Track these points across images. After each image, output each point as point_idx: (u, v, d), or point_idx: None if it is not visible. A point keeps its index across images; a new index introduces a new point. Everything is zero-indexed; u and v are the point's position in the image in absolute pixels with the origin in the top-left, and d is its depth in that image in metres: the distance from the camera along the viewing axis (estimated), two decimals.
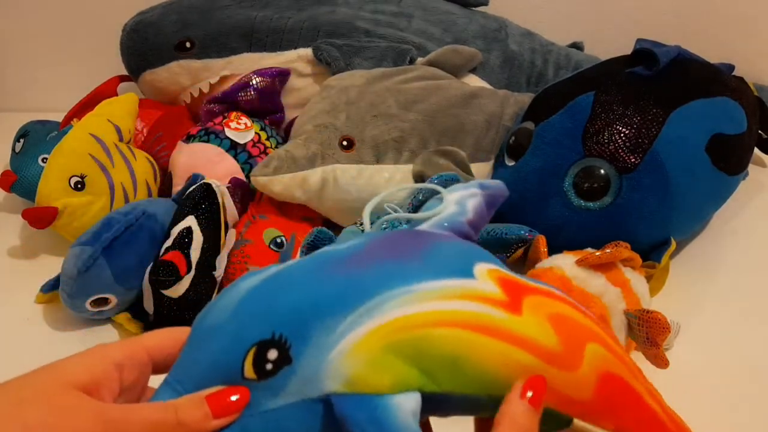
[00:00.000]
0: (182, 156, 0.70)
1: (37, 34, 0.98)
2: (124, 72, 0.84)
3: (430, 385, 0.24)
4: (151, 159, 0.73)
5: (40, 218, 0.64)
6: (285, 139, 0.78)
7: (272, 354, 0.24)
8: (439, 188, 0.31)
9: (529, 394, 0.24)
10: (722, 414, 0.48)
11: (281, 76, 0.77)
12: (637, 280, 0.52)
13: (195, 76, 0.79)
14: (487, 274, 0.26)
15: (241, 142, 0.71)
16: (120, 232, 0.58)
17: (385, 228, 0.30)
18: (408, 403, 0.23)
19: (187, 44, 0.78)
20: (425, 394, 0.24)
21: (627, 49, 0.64)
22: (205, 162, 0.68)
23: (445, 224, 0.30)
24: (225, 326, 0.25)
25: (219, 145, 0.70)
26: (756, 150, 0.73)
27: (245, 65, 0.78)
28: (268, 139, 0.74)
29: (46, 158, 0.69)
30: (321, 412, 0.23)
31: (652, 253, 0.59)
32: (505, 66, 0.80)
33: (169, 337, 0.26)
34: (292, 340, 0.24)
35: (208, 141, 0.70)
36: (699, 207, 0.62)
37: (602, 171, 0.58)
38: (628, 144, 0.57)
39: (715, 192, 0.62)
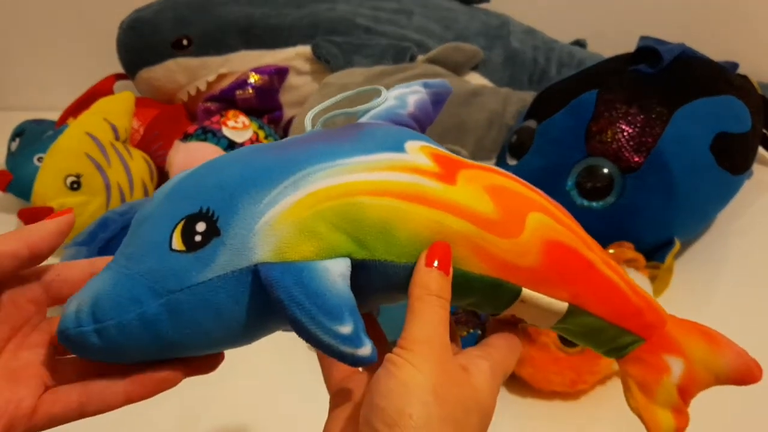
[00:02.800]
0: (179, 155, 0.69)
1: (33, 32, 0.97)
2: (121, 70, 0.84)
3: (361, 252, 0.24)
4: (148, 158, 0.72)
5: (36, 218, 0.63)
6: (283, 138, 0.77)
7: (200, 226, 0.24)
8: (380, 87, 0.31)
9: (436, 263, 0.25)
10: (726, 415, 0.48)
11: (279, 73, 0.77)
12: (640, 281, 0.51)
13: (192, 74, 0.79)
14: (419, 149, 0.27)
15: (239, 140, 0.70)
16: (116, 232, 0.57)
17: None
18: (336, 267, 0.24)
19: (184, 42, 0.78)
20: (357, 261, 0.24)
21: (630, 46, 0.63)
22: (202, 161, 0.67)
23: (384, 115, 0.30)
24: (156, 210, 0.25)
25: (216, 144, 0.69)
26: (760, 149, 0.72)
27: (243, 63, 0.77)
28: (266, 137, 0.74)
29: (42, 157, 0.68)
30: (250, 283, 0.24)
31: (655, 253, 0.58)
32: (507, 64, 0.79)
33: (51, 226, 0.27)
34: (219, 213, 0.24)
35: (205, 140, 0.69)
36: (703, 207, 0.61)
37: (605, 170, 0.57)
38: (631, 143, 0.56)
39: (719, 191, 0.62)
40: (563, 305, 0.27)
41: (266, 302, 0.24)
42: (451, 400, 0.23)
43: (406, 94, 0.31)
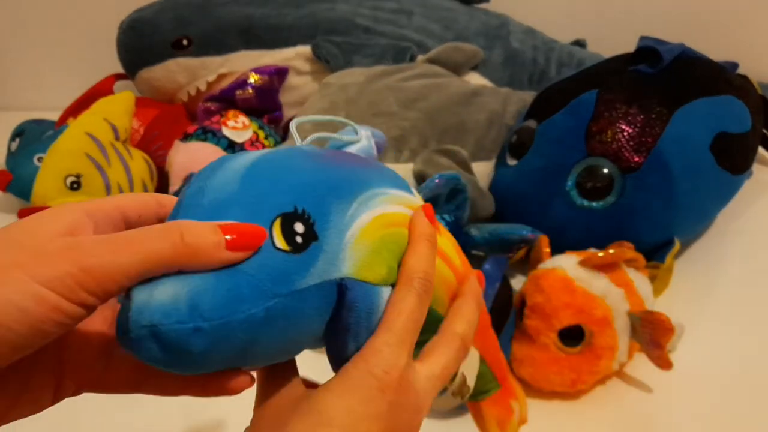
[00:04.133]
0: (179, 155, 0.69)
1: (33, 32, 0.97)
2: (121, 70, 0.84)
3: (393, 278, 0.25)
4: (148, 158, 0.72)
5: None
6: (283, 138, 0.77)
7: (299, 227, 0.22)
8: (347, 121, 0.31)
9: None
10: (725, 415, 0.48)
11: (279, 74, 0.77)
12: (640, 280, 0.51)
13: (192, 74, 0.79)
14: (417, 192, 0.30)
15: (239, 140, 0.70)
16: None
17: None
18: (388, 295, 0.25)
19: (184, 42, 0.78)
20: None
21: (630, 46, 0.63)
22: (203, 161, 0.67)
23: (363, 155, 0.31)
24: (237, 198, 0.22)
25: (216, 144, 0.69)
26: (760, 149, 0.72)
27: (243, 63, 0.77)
28: (266, 137, 0.74)
29: (42, 157, 0.68)
30: (333, 296, 0.23)
31: (655, 253, 0.58)
32: (507, 64, 0.79)
33: (142, 199, 0.25)
34: (315, 217, 0.23)
35: (205, 140, 0.69)
36: (703, 207, 0.61)
37: (605, 170, 0.57)
38: (631, 143, 0.56)
39: (719, 191, 0.62)
40: (477, 353, 0.31)
41: (328, 317, 0.23)
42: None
43: (369, 137, 0.32)
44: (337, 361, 0.24)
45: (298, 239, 0.22)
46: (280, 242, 0.22)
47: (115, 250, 0.19)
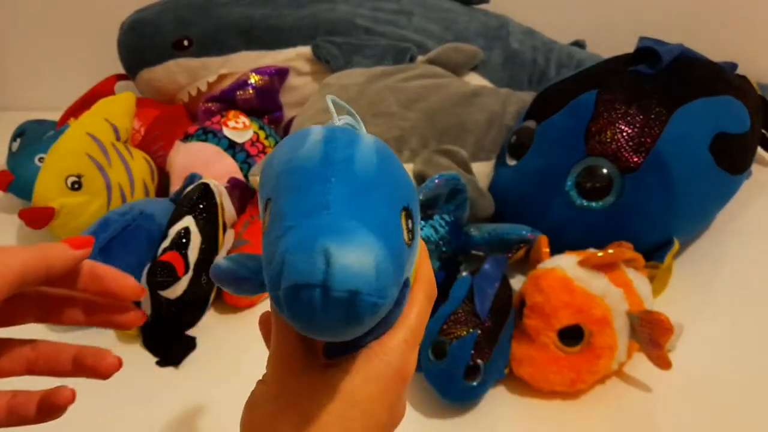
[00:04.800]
0: (180, 155, 0.69)
1: (33, 32, 0.97)
2: (122, 71, 0.84)
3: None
4: (149, 158, 0.72)
5: (37, 218, 0.63)
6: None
7: (410, 224, 0.23)
8: (357, 116, 0.30)
9: None
10: (724, 414, 0.48)
11: (280, 74, 0.77)
12: (639, 280, 0.52)
13: (193, 74, 0.79)
14: (417, 192, 0.32)
15: (240, 141, 0.70)
16: (117, 232, 0.58)
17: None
18: None
19: (185, 42, 0.78)
20: None
21: (629, 47, 0.63)
22: (203, 161, 0.68)
23: None
24: (378, 180, 0.23)
25: (217, 145, 0.69)
26: (759, 149, 0.72)
27: (244, 64, 0.78)
28: (266, 138, 0.74)
29: (43, 158, 0.68)
30: (402, 292, 0.24)
31: (654, 253, 0.58)
32: (507, 64, 0.79)
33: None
34: (415, 217, 0.24)
35: (206, 140, 0.69)
36: (702, 207, 0.62)
37: (605, 170, 0.57)
38: (630, 143, 0.56)
39: (718, 191, 0.62)
40: None
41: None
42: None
43: None
44: (350, 345, 0.24)
45: (410, 235, 0.23)
46: (405, 234, 0.23)
47: (8, 256, 0.24)
